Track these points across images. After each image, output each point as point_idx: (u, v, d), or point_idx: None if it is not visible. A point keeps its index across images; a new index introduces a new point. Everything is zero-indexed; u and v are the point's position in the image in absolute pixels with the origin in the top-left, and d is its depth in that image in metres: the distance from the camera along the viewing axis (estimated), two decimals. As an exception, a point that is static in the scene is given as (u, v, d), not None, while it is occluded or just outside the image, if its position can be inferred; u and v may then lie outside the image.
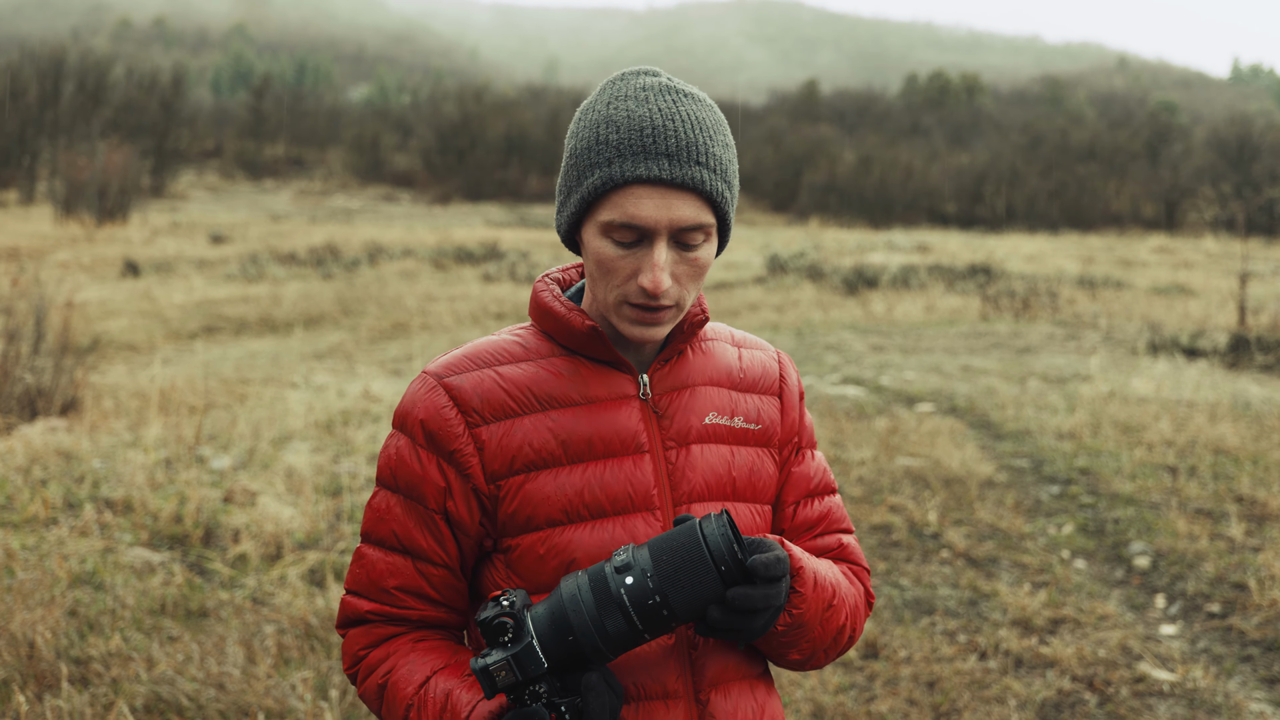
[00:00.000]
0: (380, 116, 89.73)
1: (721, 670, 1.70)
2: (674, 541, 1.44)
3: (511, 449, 1.65)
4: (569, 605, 1.45)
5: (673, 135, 1.57)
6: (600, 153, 1.60)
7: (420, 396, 1.69)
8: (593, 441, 1.67)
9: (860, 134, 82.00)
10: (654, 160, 1.56)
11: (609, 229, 1.60)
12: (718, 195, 1.59)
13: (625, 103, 1.61)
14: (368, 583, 1.71)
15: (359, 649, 1.72)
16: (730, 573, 1.43)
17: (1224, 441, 8.73)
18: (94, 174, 37.58)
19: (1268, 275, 26.66)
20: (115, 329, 15.60)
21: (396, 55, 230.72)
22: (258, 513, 6.33)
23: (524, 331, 1.77)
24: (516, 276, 23.14)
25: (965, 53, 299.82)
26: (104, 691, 4.15)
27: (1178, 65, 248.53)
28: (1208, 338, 14.83)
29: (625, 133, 1.58)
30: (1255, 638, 5.27)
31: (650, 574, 1.43)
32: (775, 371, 1.85)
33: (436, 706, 1.58)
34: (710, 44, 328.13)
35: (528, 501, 1.65)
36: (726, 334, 1.87)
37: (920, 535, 6.67)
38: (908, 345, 14.84)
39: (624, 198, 1.58)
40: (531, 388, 1.68)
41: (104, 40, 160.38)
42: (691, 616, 1.45)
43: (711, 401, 1.75)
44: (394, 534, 1.69)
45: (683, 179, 1.56)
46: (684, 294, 1.64)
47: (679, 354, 1.76)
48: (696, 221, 1.59)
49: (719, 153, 1.61)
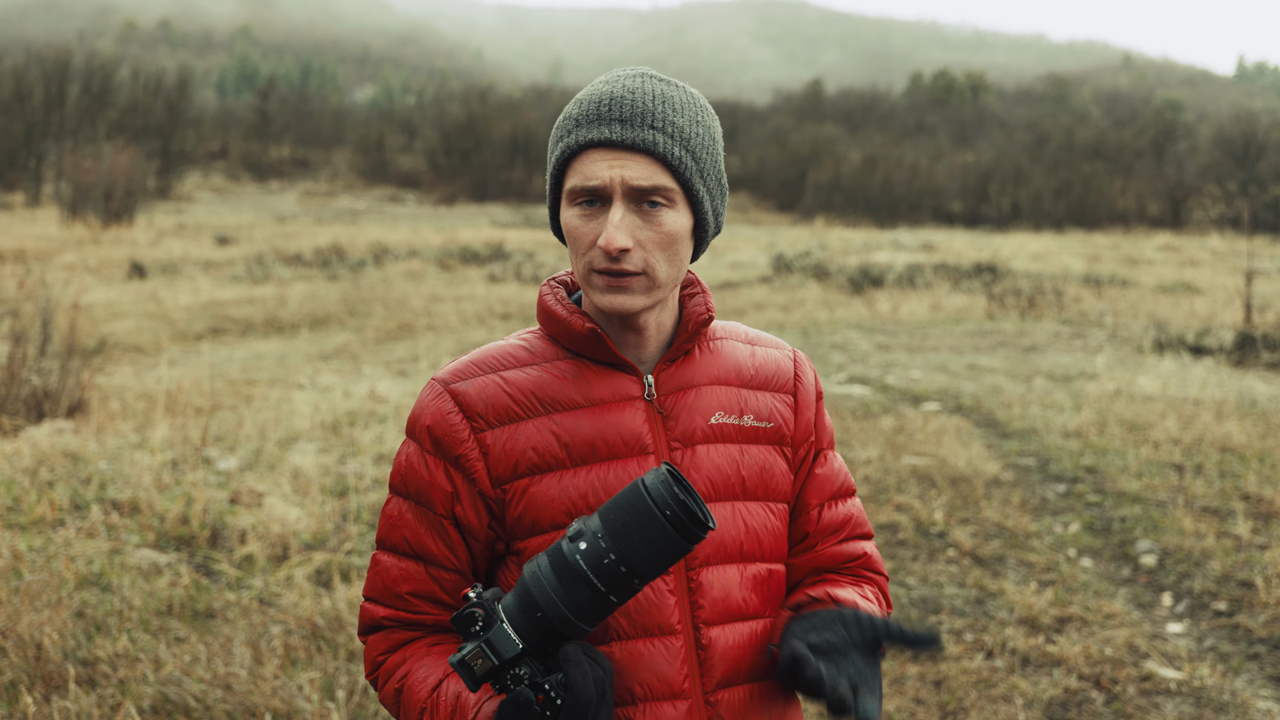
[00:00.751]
0: (385, 118, 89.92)
1: (733, 672, 1.69)
2: (619, 500, 1.45)
3: (515, 453, 1.66)
4: (531, 583, 1.45)
5: (629, 104, 1.60)
6: (562, 128, 1.65)
7: (427, 403, 1.70)
8: (596, 444, 1.67)
9: (865, 133, 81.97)
10: (606, 124, 1.59)
11: (572, 197, 1.63)
12: (673, 159, 1.60)
13: (596, 86, 1.66)
14: (383, 589, 1.72)
15: (377, 654, 1.73)
16: (677, 517, 1.41)
17: (1230, 439, 8.72)
18: (100, 176, 37.64)
19: (1273, 273, 26.60)
20: (121, 331, 15.63)
21: (401, 56, 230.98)
22: (264, 514, 6.34)
23: (530, 336, 1.77)
24: (522, 277, 23.15)
25: (970, 51, 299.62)
26: (111, 693, 4.16)
27: (1183, 63, 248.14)
28: (1214, 336, 14.81)
29: (584, 107, 1.63)
30: (1262, 635, 5.27)
31: (601, 535, 1.43)
32: (789, 370, 1.83)
33: (447, 709, 1.59)
34: (715, 43, 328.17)
35: (533, 505, 1.65)
36: (740, 332, 1.86)
37: (926, 534, 6.67)
38: (913, 344, 14.83)
39: (581, 163, 1.61)
40: (535, 391, 1.68)
41: (109, 42, 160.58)
42: (652, 571, 1.44)
43: (718, 400, 1.74)
44: (406, 540, 1.70)
45: (633, 140, 1.58)
46: (651, 261, 1.63)
47: (685, 354, 1.75)
48: (650, 183, 1.59)
49: (680, 123, 1.62)
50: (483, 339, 14.87)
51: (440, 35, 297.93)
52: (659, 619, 1.64)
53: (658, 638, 1.65)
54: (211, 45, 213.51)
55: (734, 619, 1.69)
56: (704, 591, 1.67)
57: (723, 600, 1.68)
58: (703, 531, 1.43)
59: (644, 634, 1.64)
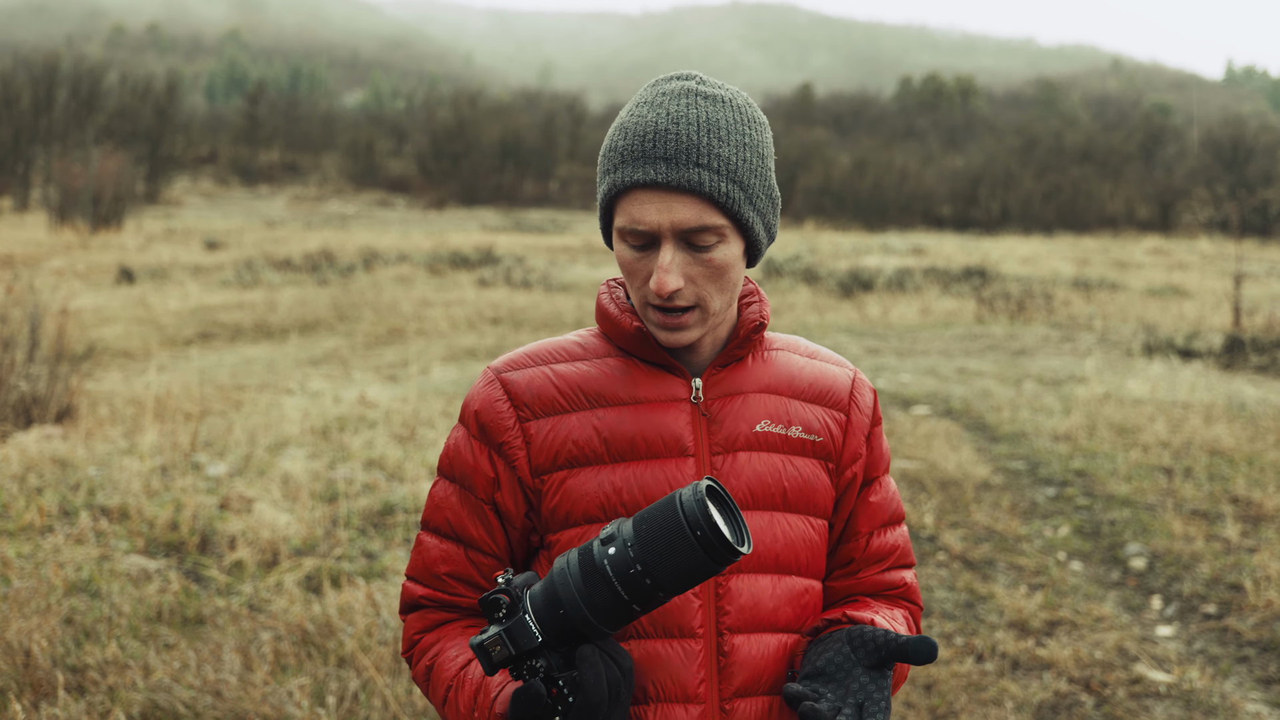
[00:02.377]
0: (375, 122, 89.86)
1: (753, 682, 1.68)
2: (654, 510, 1.44)
3: (556, 444, 1.68)
4: (558, 579, 1.46)
5: (673, 139, 1.58)
6: (609, 159, 1.64)
7: (478, 390, 1.74)
8: (636, 441, 1.68)
9: (855, 137, 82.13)
10: (651, 164, 1.58)
11: (622, 234, 1.64)
12: (720, 195, 1.58)
13: (641, 109, 1.63)
14: (422, 568, 1.76)
15: (414, 633, 1.77)
16: (706, 539, 1.40)
17: (1219, 442, 8.74)
18: (88, 181, 37.52)
19: (1262, 276, 26.70)
20: (110, 336, 15.58)
21: (391, 61, 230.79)
22: (254, 519, 6.32)
23: (587, 333, 1.80)
24: (512, 281, 23.13)
25: (959, 55, 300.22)
26: (101, 700, 4.15)
27: (1171, 67, 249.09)
28: (1202, 339, 14.86)
29: (631, 139, 1.61)
30: (1251, 638, 5.28)
31: (631, 543, 1.42)
32: (846, 387, 1.81)
33: (472, 688, 1.61)
34: (705, 48, 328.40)
35: (568, 497, 1.67)
36: (801, 346, 1.85)
37: (917, 538, 6.68)
38: (903, 348, 14.86)
39: (629, 203, 1.61)
40: (582, 386, 1.71)
41: (98, 47, 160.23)
42: (679, 587, 1.43)
43: (765, 409, 1.73)
44: (448, 522, 1.74)
45: (679, 181, 1.57)
46: (705, 295, 1.63)
47: (737, 360, 1.75)
48: (699, 223, 1.59)
49: (726, 153, 1.59)
50: (473, 344, 14.86)
51: (430, 39, 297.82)
52: (680, 621, 1.65)
53: (677, 640, 1.65)
54: (200, 49, 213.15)
55: (761, 629, 1.68)
56: (731, 598, 1.66)
57: (751, 609, 1.68)
58: (734, 556, 1.41)
59: (664, 635, 1.65)
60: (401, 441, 8.43)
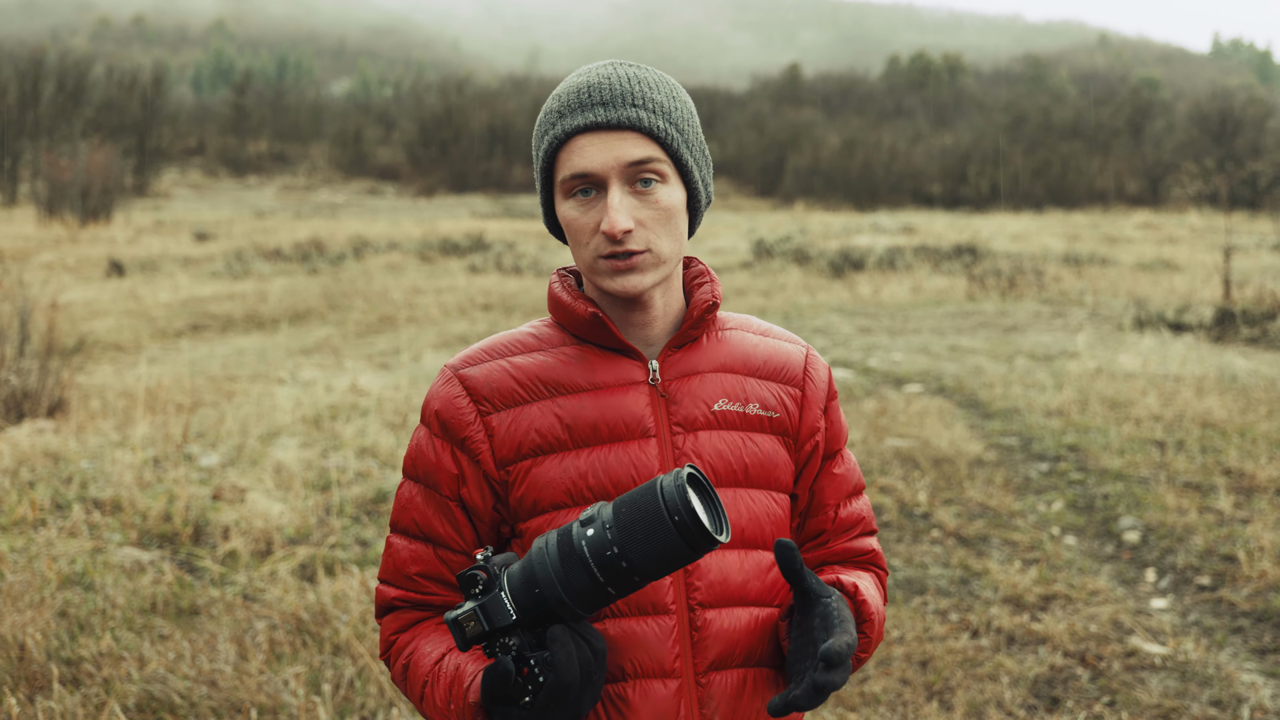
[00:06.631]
0: (363, 110, 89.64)
1: (727, 655, 1.71)
2: (634, 495, 1.44)
3: (519, 435, 1.70)
4: (536, 559, 1.46)
5: (608, 88, 1.64)
6: (546, 120, 1.69)
7: (437, 389, 1.75)
8: (598, 426, 1.70)
9: (844, 117, 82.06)
10: (590, 109, 1.64)
11: (566, 188, 1.66)
12: (660, 132, 1.64)
13: (570, 79, 1.70)
14: (393, 570, 1.77)
15: (390, 634, 1.78)
16: (684, 525, 1.40)
17: (1211, 415, 8.76)
18: (76, 174, 37.38)
19: (1251, 248, 26.73)
20: (101, 329, 15.54)
21: (378, 49, 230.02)
22: (247, 509, 6.32)
23: (540, 323, 1.81)
24: (503, 267, 23.10)
25: (947, 33, 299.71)
26: (96, 692, 4.14)
27: (1158, 41, 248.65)
28: (1193, 312, 14.87)
29: (565, 98, 1.67)
30: (1245, 609, 5.29)
31: (610, 526, 1.43)
32: (799, 364, 1.84)
33: (447, 680, 1.61)
34: (692, 29, 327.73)
35: (534, 486, 1.69)
36: (753, 325, 1.88)
37: (910, 515, 6.69)
38: (895, 327, 14.86)
39: (570, 152, 1.65)
40: (540, 376, 1.72)
41: (83, 40, 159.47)
42: (654, 572, 1.43)
43: (723, 387, 1.76)
44: (415, 522, 1.75)
45: (619, 119, 1.62)
46: (653, 238, 1.66)
47: (692, 341, 1.77)
48: (643, 155, 1.63)
49: (659, 99, 1.66)
50: (465, 330, 14.84)
51: (417, 26, 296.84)
52: (653, 598, 1.67)
53: (651, 616, 1.67)
54: (186, 41, 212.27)
55: (732, 603, 1.71)
56: (700, 574, 1.69)
57: (720, 584, 1.70)
58: (711, 544, 1.42)
59: (637, 612, 1.67)
60: (394, 429, 8.42)
